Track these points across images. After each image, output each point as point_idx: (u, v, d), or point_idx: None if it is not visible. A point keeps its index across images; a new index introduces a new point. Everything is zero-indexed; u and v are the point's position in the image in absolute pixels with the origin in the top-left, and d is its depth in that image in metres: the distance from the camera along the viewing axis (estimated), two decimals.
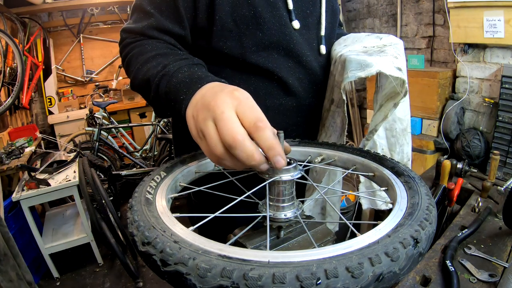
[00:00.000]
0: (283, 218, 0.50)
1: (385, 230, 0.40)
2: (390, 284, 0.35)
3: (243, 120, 0.44)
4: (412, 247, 0.36)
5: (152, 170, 0.60)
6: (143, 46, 0.68)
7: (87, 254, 2.66)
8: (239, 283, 0.31)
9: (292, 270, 0.32)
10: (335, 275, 0.31)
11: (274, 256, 0.34)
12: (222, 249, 0.36)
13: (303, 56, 0.80)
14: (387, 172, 0.58)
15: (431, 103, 2.43)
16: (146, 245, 0.38)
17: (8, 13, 3.41)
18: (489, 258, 0.93)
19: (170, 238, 0.38)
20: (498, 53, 2.20)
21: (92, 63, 4.56)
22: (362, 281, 0.32)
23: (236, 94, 0.46)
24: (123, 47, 0.73)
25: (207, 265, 0.33)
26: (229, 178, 0.57)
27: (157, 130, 3.64)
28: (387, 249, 0.35)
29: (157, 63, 0.62)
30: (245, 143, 0.43)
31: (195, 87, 0.53)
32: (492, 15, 2.05)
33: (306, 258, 0.34)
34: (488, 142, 2.27)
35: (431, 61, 2.78)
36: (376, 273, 0.33)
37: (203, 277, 0.32)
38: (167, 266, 0.35)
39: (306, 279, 0.31)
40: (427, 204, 0.45)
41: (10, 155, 2.64)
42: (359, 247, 0.36)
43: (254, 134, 0.44)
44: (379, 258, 0.34)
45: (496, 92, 2.20)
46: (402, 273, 0.35)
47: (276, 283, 0.31)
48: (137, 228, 0.41)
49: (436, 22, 2.65)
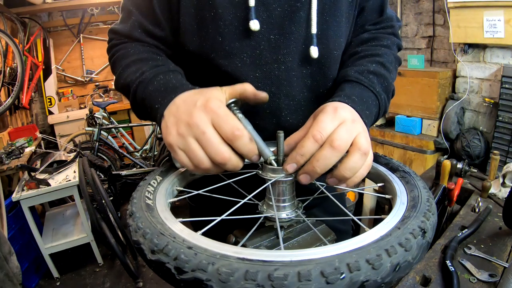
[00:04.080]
0: (285, 218, 0.50)
1: (392, 223, 0.41)
2: (405, 273, 0.36)
3: (220, 132, 0.47)
4: (421, 237, 0.38)
5: (152, 170, 0.60)
6: (126, 49, 0.68)
7: (87, 254, 2.66)
8: (265, 284, 0.31)
9: (316, 267, 0.32)
10: (357, 268, 0.32)
11: (295, 255, 0.34)
12: (238, 251, 0.35)
13: (273, 64, 0.65)
14: (381, 169, 0.59)
15: (431, 103, 2.44)
16: (157, 253, 0.36)
17: (8, 13, 3.41)
18: (489, 258, 0.93)
19: (182, 244, 0.36)
20: (498, 53, 2.20)
21: (92, 63, 4.55)
22: (381, 272, 0.33)
23: (210, 107, 0.48)
24: (109, 49, 0.73)
25: (229, 269, 0.32)
26: (226, 181, 0.57)
27: (157, 130, 3.64)
28: (400, 240, 0.36)
29: (136, 69, 0.62)
30: (232, 160, 0.47)
31: (169, 97, 0.54)
32: (492, 15, 2.05)
33: (326, 254, 0.34)
34: (488, 142, 2.27)
35: (431, 61, 2.78)
36: (393, 263, 0.34)
37: (226, 282, 0.31)
38: (183, 274, 0.34)
39: (331, 274, 0.31)
40: (427, 197, 0.46)
41: (10, 155, 2.64)
42: (373, 240, 0.37)
43: (233, 144, 0.47)
44: (394, 249, 0.35)
45: (496, 92, 2.20)
46: (415, 262, 0.37)
47: (302, 281, 0.31)
48: (144, 236, 0.39)
49: (436, 22, 2.65)
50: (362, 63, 0.68)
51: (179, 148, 0.49)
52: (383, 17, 0.76)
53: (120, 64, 0.67)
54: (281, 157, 0.51)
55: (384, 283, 0.34)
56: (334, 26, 0.68)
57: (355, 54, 0.72)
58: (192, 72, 0.70)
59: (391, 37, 0.75)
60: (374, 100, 0.62)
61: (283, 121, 0.69)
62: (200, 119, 0.47)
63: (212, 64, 0.66)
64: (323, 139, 0.47)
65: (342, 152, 0.46)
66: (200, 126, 0.47)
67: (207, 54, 0.65)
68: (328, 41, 0.68)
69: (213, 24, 0.63)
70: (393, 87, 0.69)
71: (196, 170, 0.50)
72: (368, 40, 0.74)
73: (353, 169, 0.47)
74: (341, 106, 0.54)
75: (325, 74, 0.70)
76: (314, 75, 0.69)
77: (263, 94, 0.56)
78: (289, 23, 0.64)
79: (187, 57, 0.70)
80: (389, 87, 0.67)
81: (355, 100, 0.57)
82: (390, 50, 0.72)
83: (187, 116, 0.49)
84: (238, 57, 0.64)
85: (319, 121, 0.49)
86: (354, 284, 0.32)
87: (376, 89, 0.63)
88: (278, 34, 0.65)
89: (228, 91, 0.54)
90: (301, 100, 0.69)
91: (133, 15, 0.68)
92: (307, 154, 0.47)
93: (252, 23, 0.61)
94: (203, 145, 0.47)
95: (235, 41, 0.64)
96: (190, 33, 0.65)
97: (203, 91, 0.54)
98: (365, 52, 0.71)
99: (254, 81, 0.65)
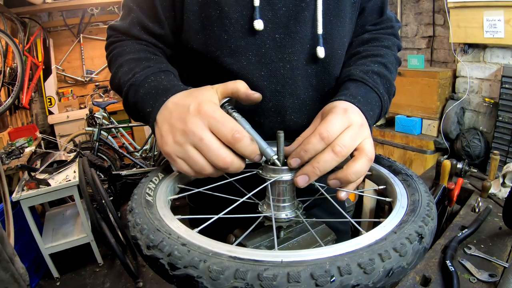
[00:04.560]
0: (284, 218, 0.50)
1: (390, 227, 0.41)
2: (398, 278, 0.36)
3: (219, 136, 0.46)
4: (418, 242, 0.37)
5: (152, 170, 0.60)
6: (122, 47, 0.68)
7: (87, 254, 2.66)
8: (254, 284, 0.31)
9: (306, 268, 0.32)
10: (348, 272, 0.32)
11: (286, 256, 0.34)
12: (231, 250, 0.35)
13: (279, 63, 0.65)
14: (384, 171, 0.58)
15: (431, 103, 2.44)
16: (152, 249, 0.37)
17: (8, 13, 3.41)
18: (489, 258, 0.93)
19: (177, 240, 0.37)
20: (498, 53, 2.20)
21: (92, 63, 4.56)
22: (373, 277, 0.33)
23: (204, 111, 0.47)
24: (107, 46, 0.73)
25: (219, 267, 0.32)
26: (228, 180, 0.57)
27: None
28: (395, 245, 0.36)
29: (129, 70, 0.62)
30: (234, 163, 0.47)
31: (161, 100, 0.54)
32: (492, 15, 2.05)
33: (318, 256, 0.34)
34: (488, 142, 2.27)
35: (431, 61, 2.78)
36: (386, 268, 0.34)
37: (216, 280, 0.32)
38: (176, 270, 0.34)
39: (321, 277, 0.31)
40: (427, 201, 0.46)
41: (10, 155, 2.65)
42: (368, 244, 0.37)
43: (234, 147, 0.46)
44: (388, 254, 0.34)
45: (496, 92, 2.20)
46: (410, 268, 0.36)
47: (291, 282, 0.31)
48: (141, 231, 0.40)
49: (436, 22, 2.65)
50: (365, 63, 0.68)
51: (178, 157, 0.49)
52: (383, 17, 0.77)
53: (115, 63, 0.67)
54: (281, 157, 0.51)
55: None
56: (338, 26, 0.68)
57: (357, 54, 0.72)
58: (195, 70, 0.70)
59: (391, 37, 0.76)
60: (377, 102, 0.63)
61: (288, 120, 0.69)
62: (196, 125, 0.47)
63: (216, 63, 0.65)
64: (330, 138, 0.47)
65: (343, 158, 0.47)
66: (197, 133, 0.46)
67: (212, 52, 0.65)
68: (333, 41, 0.68)
69: (218, 22, 0.63)
70: (394, 88, 0.70)
71: (198, 176, 0.50)
72: (369, 40, 0.74)
73: (358, 173, 0.48)
74: (351, 107, 0.54)
75: (329, 73, 0.70)
76: (319, 74, 0.69)
77: (256, 95, 0.54)
78: (294, 22, 0.65)
79: (189, 55, 0.69)
80: (391, 88, 0.67)
81: (361, 100, 0.57)
82: (391, 51, 0.73)
83: (181, 123, 0.48)
84: (243, 56, 0.64)
85: (328, 120, 0.49)
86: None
87: (380, 90, 0.63)
88: (283, 33, 0.65)
89: (220, 90, 0.53)
90: (305, 99, 0.69)
91: (133, 12, 0.68)
92: (311, 150, 0.47)
93: (257, 23, 0.61)
94: (203, 151, 0.47)
95: (240, 39, 0.64)
96: (194, 31, 0.65)
97: (194, 92, 0.53)
98: (367, 52, 0.71)
99: (260, 80, 0.66)
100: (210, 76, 0.67)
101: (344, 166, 0.48)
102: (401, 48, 0.80)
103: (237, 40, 0.64)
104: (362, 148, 0.49)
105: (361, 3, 0.73)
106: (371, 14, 0.76)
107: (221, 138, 0.47)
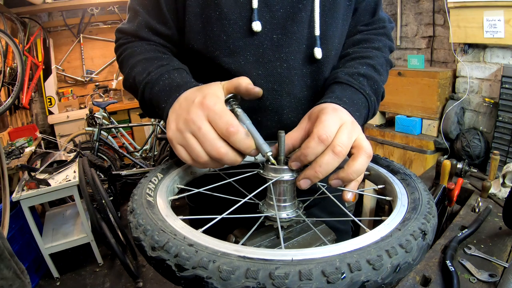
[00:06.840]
0: (285, 218, 0.50)
1: (393, 224, 0.41)
2: (405, 274, 0.36)
3: (216, 128, 0.48)
4: (422, 239, 0.38)
5: (150, 170, 0.60)
6: (133, 48, 0.70)
7: (87, 254, 2.66)
8: (265, 283, 0.31)
9: (316, 266, 0.32)
10: (358, 268, 0.32)
11: (296, 254, 0.34)
12: (239, 250, 0.35)
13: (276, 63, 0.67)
14: (382, 171, 0.59)
15: (431, 103, 2.43)
16: (158, 250, 0.36)
17: (8, 13, 3.41)
18: (489, 258, 0.93)
19: (183, 241, 0.36)
20: (498, 53, 2.20)
21: (92, 63, 4.56)
22: (382, 273, 0.33)
23: (206, 103, 0.50)
24: (116, 48, 0.75)
25: (229, 267, 0.32)
26: (227, 180, 0.57)
27: (157, 130, 3.64)
28: (400, 241, 0.36)
29: (143, 69, 0.64)
30: (229, 155, 0.48)
31: (174, 95, 0.56)
32: (492, 15, 2.05)
33: (327, 254, 0.34)
34: (488, 142, 2.27)
35: (431, 61, 2.78)
36: (394, 264, 0.34)
37: (226, 280, 0.32)
38: (184, 271, 0.34)
39: (332, 274, 0.31)
40: (427, 199, 0.46)
41: (10, 155, 2.65)
42: (374, 241, 0.37)
43: (229, 140, 0.48)
44: (395, 250, 0.35)
45: (496, 92, 2.20)
46: (415, 264, 0.37)
47: (303, 280, 0.31)
48: (144, 232, 0.39)
49: (436, 22, 2.65)
50: (352, 65, 0.69)
51: (178, 143, 0.51)
52: (375, 18, 0.78)
53: (127, 64, 0.69)
54: (282, 157, 0.51)
55: (385, 283, 0.34)
56: (333, 27, 0.70)
57: (346, 55, 0.74)
58: (197, 70, 0.72)
59: (383, 38, 0.76)
60: (364, 102, 0.64)
61: (285, 119, 0.70)
62: (196, 115, 0.49)
63: (216, 62, 0.67)
64: (329, 140, 0.47)
65: (343, 157, 0.47)
66: (196, 122, 0.49)
67: (212, 52, 0.67)
68: (328, 41, 0.70)
69: (218, 23, 0.65)
70: (383, 90, 0.70)
71: (195, 165, 0.51)
72: (360, 41, 0.75)
73: (359, 171, 0.48)
74: (339, 108, 0.54)
75: (324, 73, 0.71)
76: (314, 74, 0.71)
77: (256, 89, 0.55)
78: (291, 23, 0.66)
79: (191, 55, 0.71)
80: (378, 89, 0.68)
81: (346, 101, 0.59)
82: (381, 53, 0.73)
83: (185, 113, 0.51)
84: (241, 55, 0.66)
85: (323, 121, 0.49)
86: (355, 284, 0.32)
87: (366, 91, 0.64)
88: (281, 34, 0.66)
89: (226, 86, 0.55)
90: (301, 98, 0.71)
91: (140, 15, 0.70)
92: (311, 155, 0.47)
93: (255, 24, 0.64)
94: (200, 140, 0.49)
95: (239, 39, 0.65)
96: (195, 31, 0.67)
97: (203, 87, 0.55)
98: (356, 54, 0.72)
99: (257, 79, 0.67)
100: (210, 76, 0.68)
101: (345, 166, 0.48)
102: (394, 49, 0.81)
103: (235, 40, 0.65)
104: (359, 145, 0.49)
105: (355, 4, 0.74)
106: (363, 14, 0.77)
107: (217, 131, 0.48)
